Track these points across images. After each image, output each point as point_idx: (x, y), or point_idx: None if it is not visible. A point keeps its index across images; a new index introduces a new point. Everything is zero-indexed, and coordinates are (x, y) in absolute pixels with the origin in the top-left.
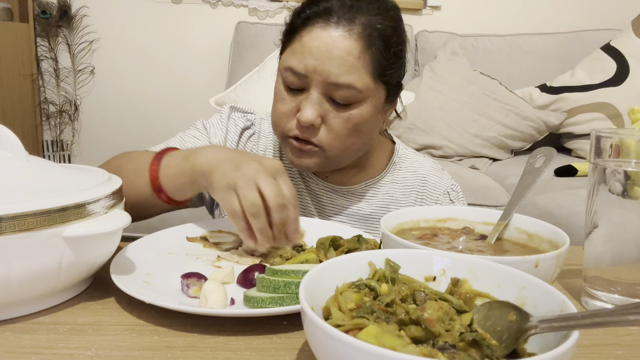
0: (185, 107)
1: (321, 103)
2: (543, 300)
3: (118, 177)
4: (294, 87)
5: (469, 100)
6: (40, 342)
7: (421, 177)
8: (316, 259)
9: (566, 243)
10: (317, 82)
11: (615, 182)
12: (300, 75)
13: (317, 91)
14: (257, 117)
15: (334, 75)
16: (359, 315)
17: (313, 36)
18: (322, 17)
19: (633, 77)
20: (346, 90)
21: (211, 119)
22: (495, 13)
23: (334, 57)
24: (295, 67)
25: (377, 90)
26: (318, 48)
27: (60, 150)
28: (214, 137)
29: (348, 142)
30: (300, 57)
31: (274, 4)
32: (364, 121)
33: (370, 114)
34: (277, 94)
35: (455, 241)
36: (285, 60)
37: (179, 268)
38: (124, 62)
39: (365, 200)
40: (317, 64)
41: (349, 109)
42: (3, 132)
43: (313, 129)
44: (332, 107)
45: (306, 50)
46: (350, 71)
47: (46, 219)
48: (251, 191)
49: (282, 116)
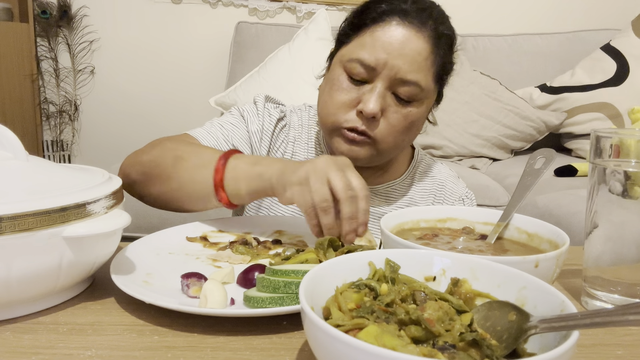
0: (185, 107)
1: (385, 97)
2: (543, 300)
3: (118, 177)
4: (358, 78)
5: (469, 100)
6: (40, 342)
7: (439, 183)
8: (316, 259)
9: (566, 243)
10: (384, 75)
11: (615, 182)
12: (368, 67)
13: (382, 85)
14: (287, 109)
15: (403, 72)
16: (359, 315)
17: (387, 32)
18: (397, 15)
19: (633, 77)
20: (412, 87)
21: (246, 106)
22: (495, 13)
23: (406, 54)
24: (365, 59)
25: (434, 93)
26: (391, 44)
27: (60, 150)
28: (251, 125)
29: (399, 139)
30: (371, 50)
31: (274, 4)
32: (417, 120)
33: (424, 114)
34: (336, 84)
35: (455, 241)
36: (353, 52)
37: (179, 268)
38: (124, 62)
39: (385, 201)
40: (389, 58)
41: (408, 106)
42: (3, 132)
43: (373, 121)
44: (394, 102)
45: (378, 44)
46: (419, 70)
47: (46, 219)
48: (322, 185)
49: (341, 106)
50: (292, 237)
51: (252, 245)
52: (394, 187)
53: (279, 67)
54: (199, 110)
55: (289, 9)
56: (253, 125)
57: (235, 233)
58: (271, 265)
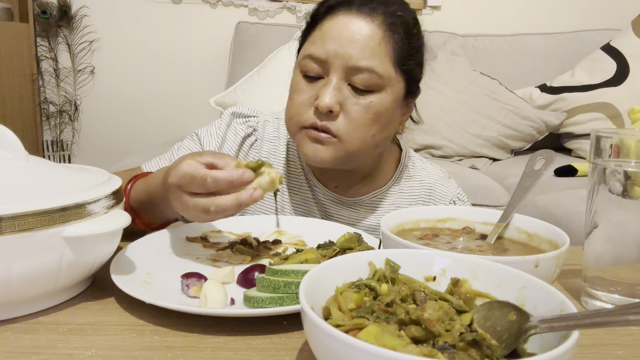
0: (185, 107)
1: (340, 89)
2: (543, 300)
3: (118, 177)
4: (312, 74)
5: (469, 100)
6: (40, 342)
7: (427, 187)
8: (316, 259)
9: (566, 243)
10: (337, 67)
11: (615, 182)
12: (320, 60)
13: (336, 77)
14: (260, 120)
15: (355, 59)
16: (359, 315)
17: (334, 24)
18: (344, 7)
19: (633, 77)
20: (367, 74)
21: (208, 126)
22: (495, 13)
23: (356, 40)
24: (314, 52)
25: (398, 81)
26: (340, 33)
27: (60, 150)
28: (207, 145)
29: (367, 134)
30: (320, 43)
31: (274, 4)
32: (383, 111)
33: (389, 104)
34: (294, 86)
35: (455, 241)
36: (305, 50)
37: (179, 268)
38: (124, 62)
39: (371, 212)
40: (338, 47)
41: (368, 96)
42: (3, 132)
43: (332, 116)
44: (352, 94)
45: (327, 36)
46: (372, 55)
47: (46, 219)
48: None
49: (299, 107)
50: (292, 237)
51: (252, 245)
52: (379, 196)
53: (278, 67)
54: (199, 110)
55: (289, 9)
56: (210, 146)
57: (235, 233)
58: (271, 265)
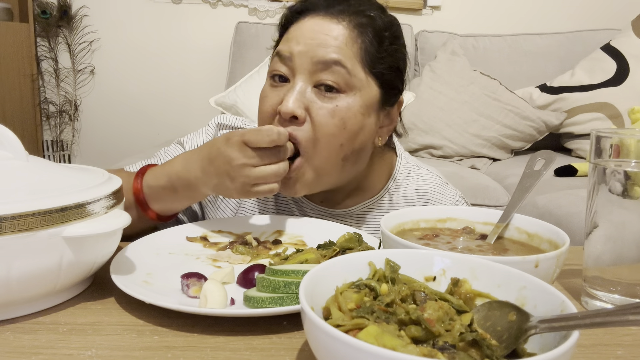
0: (185, 107)
1: (305, 92)
2: (543, 300)
3: (118, 177)
4: (279, 73)
5: (469, 100)
6: (40, 342)
7: (423, 196)
8: (316, 259)
9: (566, 243)
10: (302, 68)
11: (615, 182)
12: (285, 58)
13: (301, 79)
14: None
15: (321, 53)
16: (359, 315)
17: (301, 24)
18: (310, 11)
19: (633, 77)
20: (334, 68)
21: (195, 134)
22: (495, 13)
23: (321, 39)
24: (280, 50)
25: (368, 84)
26: (305, 33)
27: (60, 150)
28: None
29: (334, 142)
30: (286, 43)
31: (274, 4)
32: (351, 116)
33: (357, 109)
34: (262, 93)
35: (455, 241)
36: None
37: (179, 268)
38: (124, 62)
39: (363, 223)
40: (303, 46)
41: (334, 100)
42: (3, 132)
43: (297, 122)
44: (317, 98)
45: (292, 37)
46: (339, 51)
47: (46, 219)
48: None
49: (265, 115)
50: (292, 237)
51: (252, 245)
52: (370, 207)
53: None
54: (198, 110)
55: None
56: None
57: (235, 233)
58: (271, 265)
